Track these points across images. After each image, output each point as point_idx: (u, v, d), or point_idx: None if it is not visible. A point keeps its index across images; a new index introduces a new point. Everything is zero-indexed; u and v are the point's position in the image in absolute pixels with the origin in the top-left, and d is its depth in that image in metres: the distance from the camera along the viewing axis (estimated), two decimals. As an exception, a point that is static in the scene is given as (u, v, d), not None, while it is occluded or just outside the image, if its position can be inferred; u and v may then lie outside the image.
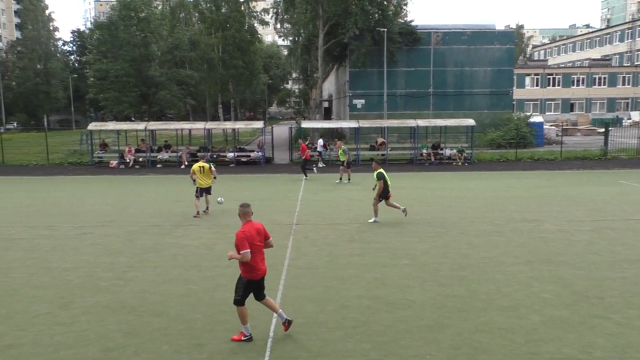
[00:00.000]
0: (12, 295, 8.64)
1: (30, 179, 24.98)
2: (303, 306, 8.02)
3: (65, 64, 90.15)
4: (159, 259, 10.63)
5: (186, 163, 28.83)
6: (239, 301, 6.82)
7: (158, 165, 30.08)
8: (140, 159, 30.41)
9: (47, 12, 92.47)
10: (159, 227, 13.71)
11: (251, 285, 6.88)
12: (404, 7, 40.87)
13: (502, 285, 8.89)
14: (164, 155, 31.35)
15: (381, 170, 13.97)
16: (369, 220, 14.10)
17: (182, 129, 35.38)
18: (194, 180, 15.34)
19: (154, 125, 33.47)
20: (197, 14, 51.06)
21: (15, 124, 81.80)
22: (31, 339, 6.98)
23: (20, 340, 6.94)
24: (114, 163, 29.93)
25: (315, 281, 9.17)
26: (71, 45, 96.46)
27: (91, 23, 78.78)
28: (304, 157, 24.38)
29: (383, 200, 13.99)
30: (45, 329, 7.28)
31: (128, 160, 29.88)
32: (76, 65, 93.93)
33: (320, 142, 30.63)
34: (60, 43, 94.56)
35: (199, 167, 15.40)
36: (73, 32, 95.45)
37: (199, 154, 29.79)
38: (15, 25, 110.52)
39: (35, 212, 16.13)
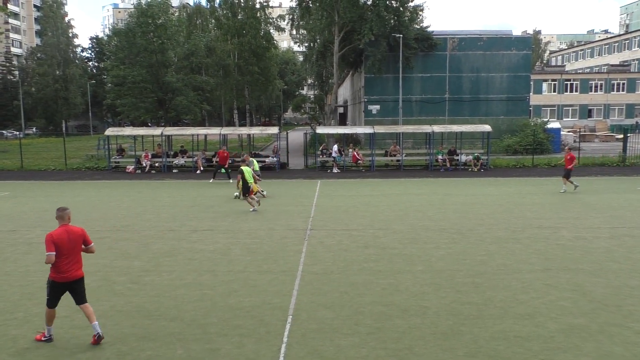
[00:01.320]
0: (30, 298, 8.74)
1: (48, 184, 25.30)
2: (317, 312, 8.00)
3: (83, 70, 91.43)
4: (174, 264, 10.69)
5: (202, 168, 29.01)
6: (48, 302, 7.04)
7: (174, 171, 30.29)
8: (157, 164, 30.65)
9: (66, 19, 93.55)
10: (174, 232, 13.79)
11: (57, 286, 7.03)
12: (420, 13, 40.75)
13: (518, 292, 8.79)
14: (179, 161, 31.57)
15: (242, 167, 17.19)
16: (251, 210, 16.62)
17: (198, 135, 35.61)
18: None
19: (170, 130, 33.76)
20: (213, 21, 51.53)
21: (34, 129, 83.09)
22: (48, 342, 7.04)
23: (37, 344, 7.02)
24: (130, 168, 30.18)
25: (330, 287, 9.15)
26: (89, 51, 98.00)
27: (109, 30, 79.91)
28: (220, 164, 25.39)
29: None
30: (62, 332, 7.35)
31: (144, 165, 30.13)
32: (94, 71, 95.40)
33: (335, 147, 30.64)
34: (79, 50, 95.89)
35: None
36: (91, 38, 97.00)
37: (213, 159, 30.02)
38: (36, 32, 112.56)
39: (53, 216, 16.27)
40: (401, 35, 36.38)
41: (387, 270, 10.06)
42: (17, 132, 72.69)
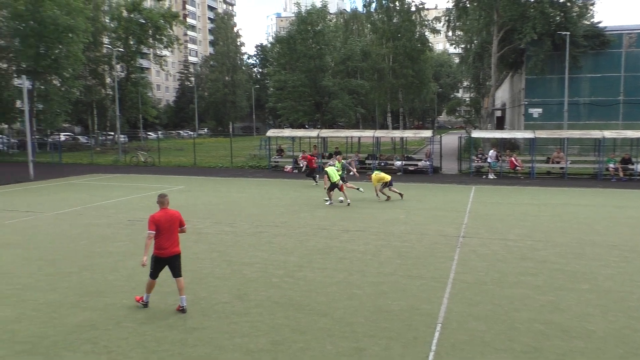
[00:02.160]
0: (198, 283, 9.63)
1: (216, 180, 27.65)
2: (468, 322, 7.71)
3: (249, 76, 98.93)
4: (326, 262, 11.04)
5: (354, 170, 29.55)
6: (151, 274, 8.24)
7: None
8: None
9: (235, 29, 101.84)
10: (327, 230, 14.25)
11: (159, 261, 8.19)
12: (590, 8, 37.40)
13: None
14: (333, 162, 32.47)
15: (326, 169, 19.20)
16: (327, 203, 18.64)
17: (351, 137, 36.40)
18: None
19: (326, 132, 34.93)
20: (369, 25, 52.31)
21: (205, 130, 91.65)
22: (212, 324, 7.70)
23: (202, 324, 7.70)
24: (288, 168, 31.81)
25: (482, 298, 8.77)
26: (255, 58, 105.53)
27: (272, 38, 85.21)
28: (308, 166, 25.89)
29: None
30: (224, 317, 7.98)
31: (301, 166, 31.53)
32: (258, 76, 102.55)
33: (492, 153, 29.29)
34: (245, 57, 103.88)
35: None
36: (257, 46, 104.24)
37: (366, 161, 30.58)
38: (209, 42, 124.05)
39: (220, 210, 17.82)
40: (568, 33, 33.65)
41: (547, 286, 9.37)
42: (192, 132, 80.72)
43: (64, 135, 59.48)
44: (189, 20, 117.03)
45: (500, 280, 9.74)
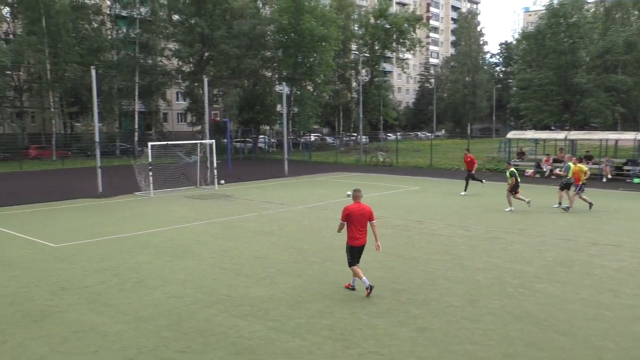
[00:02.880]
0: (430, 284, 9.68)
1: (451, 182, 27.33)
2: None
3: (490, 76, 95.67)
4: (569, 275, 10.07)
5: (609, 176, 26.48)
6: (349, 263, 9.05)
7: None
8: (558, 170, 29.38)
9: (478, 28, 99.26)
10: (571, 241, 12.98)
11: (352, 249, 8.98)
12: None
13: None
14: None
15: (512, 169, 17.72)
16: (505, 210, 17.41)
17: (607, 140, 32.53)
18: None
19: (575, 134, 31.85)
20: (636, 12, 45.94)
21: (442, 131, 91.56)
22: (441, 326, 7.66)
23: (432, 325, 7.72)
24: (529, 172, 29.86)
25: None
26: (497, 57, 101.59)
27: (518, 34, 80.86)
28: (469, 170, 22.82)
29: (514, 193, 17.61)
30: (454, 320, 7.88)
31: (544, 170, 29.31)
32: (500, 76, 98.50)
33: None
34: (487, 56, 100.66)
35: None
36: (501, 44, 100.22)
37: (624, 167, 27.19)
38: (451, 42, 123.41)
39: (454, 212, 17.61)
40: None
41: None
42: (429, 134, 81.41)
43: (313, 136, 65.52)
44: (432, 22, 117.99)
45: None
